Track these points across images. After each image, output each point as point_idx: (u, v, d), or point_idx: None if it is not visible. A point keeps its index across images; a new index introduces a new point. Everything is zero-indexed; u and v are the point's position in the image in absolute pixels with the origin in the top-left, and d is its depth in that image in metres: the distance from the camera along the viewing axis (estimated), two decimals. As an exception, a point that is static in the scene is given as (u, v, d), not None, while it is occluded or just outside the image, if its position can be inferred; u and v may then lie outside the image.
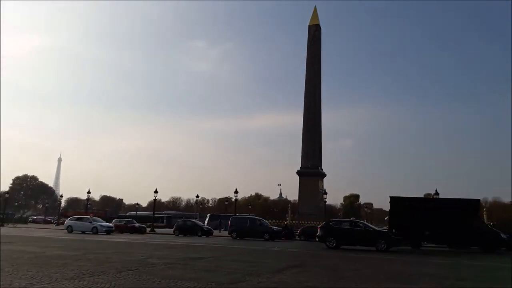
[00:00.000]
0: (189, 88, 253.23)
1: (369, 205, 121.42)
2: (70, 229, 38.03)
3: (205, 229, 40.21)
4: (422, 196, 66.00)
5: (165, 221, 65.41)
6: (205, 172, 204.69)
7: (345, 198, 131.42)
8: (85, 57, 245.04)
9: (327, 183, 57.32)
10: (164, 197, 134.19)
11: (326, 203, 51.83)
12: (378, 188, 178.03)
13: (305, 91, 56.41)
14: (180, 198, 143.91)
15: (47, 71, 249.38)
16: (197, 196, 65.25)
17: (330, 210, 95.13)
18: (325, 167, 56.06)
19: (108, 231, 37.41)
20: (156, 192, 50.08)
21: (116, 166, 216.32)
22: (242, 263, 13.87)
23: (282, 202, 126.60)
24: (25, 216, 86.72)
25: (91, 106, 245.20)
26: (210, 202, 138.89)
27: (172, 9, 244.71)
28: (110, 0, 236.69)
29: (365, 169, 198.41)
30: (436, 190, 45.35)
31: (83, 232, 37.02)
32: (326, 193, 50.49)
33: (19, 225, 58.20)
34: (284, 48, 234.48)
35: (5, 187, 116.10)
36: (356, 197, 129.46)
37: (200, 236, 37.47)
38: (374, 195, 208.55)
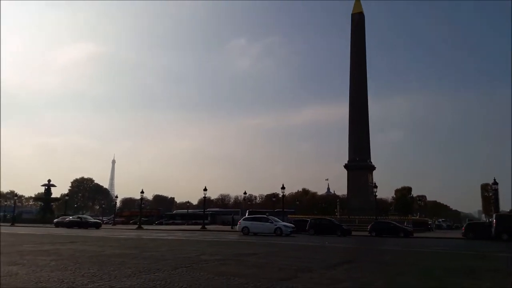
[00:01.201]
0: (234, 86, 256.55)
1: (422, 198, 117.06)
2: (246, 231, 33.40)
3: (344, 228, 36.38)
4: (479, 186, 62.74)
5: (209, 218, 66.83)
6: (253, 169, 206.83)
7: (397, 191, 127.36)
8: (134, 62, 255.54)
9: (377, 176, 55.85)
10: (213, 194, 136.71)
11: (377, 196, 50.52)
12: (431, 180, 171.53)
13: (350, 82, 55.28)
14: (228, 195, 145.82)
15: (99, 76, 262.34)
16: (245, 193, 66.06)
17: (381, 204, 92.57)
18: (374, 159, 54.76)
19: (291, 232, 32.59)
20: (205, 190, 51.11)
21: (167, 166, 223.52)
22: (295, 259, 13.83)
23: (330, 197, 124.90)
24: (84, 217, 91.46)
25: (141, 108, 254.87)
26: (258, 199, 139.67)
27: (210, 10, 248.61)
28: (153, 1, 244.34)
29: (417, 161, 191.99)
30: (494, 179, 42.97)
31: (264, 235, 31.79)
32: (376, 187, 49.20)
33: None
34: (327, 39, 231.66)
35: (65, 189, 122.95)
36: (408, 189, 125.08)
37: (339, 236, 33.96)
38: (427, 187, 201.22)
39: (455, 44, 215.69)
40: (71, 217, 52.57)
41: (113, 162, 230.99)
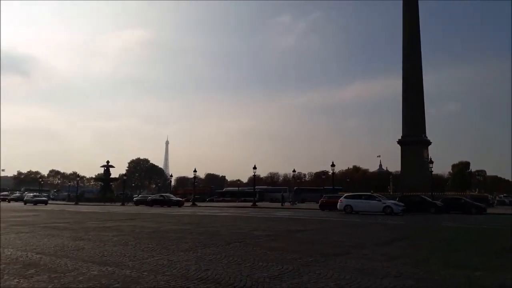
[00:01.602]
0: (280, 65, 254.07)
1: (481, 172, 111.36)
2: (349, 209, 30.24)
3: (438, 205, 33.41)
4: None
5: (257, 195, 67.57)
6: (302, 147, 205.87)
7: (454, 166, 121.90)
8: (182, 46, 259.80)
9: (432, 151, 53.68)
10: (262, 173, 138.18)
11: (432, 172, 48.65)
12: (491, 154, 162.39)
13: (403, 54, 52.89)
14: (277, 173, 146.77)
15: (150, 61, 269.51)
16: (294, 171, 65.73)
17: (437, 180, 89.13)
18: (430, 134, 52.55)
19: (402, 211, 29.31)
20: (255, 168, 51.67)
21: (218, 145, 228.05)
22: (348, 235, 13.76)
23: (382, 174, 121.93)
24: (141, 195, 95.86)
25: (192, 91, 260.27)
26: (307, 177, 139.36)
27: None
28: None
29: (476, 134, 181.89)
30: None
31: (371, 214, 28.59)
32: (432, 162, 47.31)
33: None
34: (374, 12, 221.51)
35: (123, 170, 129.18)
36: (466, 164, 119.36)
37: (433, 213, 31.58)
38: (487, 161, 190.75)
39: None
40: (153, 195, 53.95)
41: (167, 143, 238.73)
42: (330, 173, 52.49)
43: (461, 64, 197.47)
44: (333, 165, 48.56)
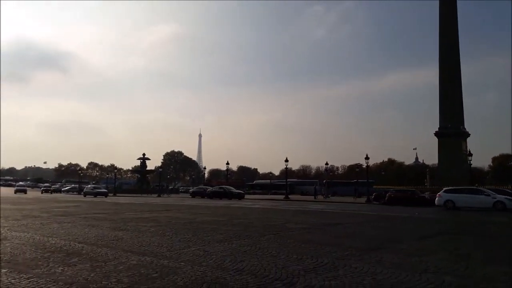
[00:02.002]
0: (312, 56, 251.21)
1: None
2: (450, 205, 26.91)
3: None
4: None
5: (288, 188, 67.07)
6: (334, 139, 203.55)
7: (494, 159, 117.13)
8: (214, 40, 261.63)
9: (471, 144, 51.83)
10: (294, 165, 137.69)
11: (471, 165, 46.97)
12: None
13: (439, 43, 51.02)
14: (309, 166, 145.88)
15: (182, 55, 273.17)
16: (326, 164, 65.00)
17: (476, 174, 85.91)
18: (468, 125, 50.64)
19: None
20: (286, 161, 51.50)
21: (250, 138, 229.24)
22: (383, 230, 13.53)
23: (418, 167, 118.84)
24: (176, 187, 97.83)
25: (223, 85, 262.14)
26: (340, 170, 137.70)
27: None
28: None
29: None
30: None
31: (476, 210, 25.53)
32: (470, 155, 45.67)
33: (172, 195, 66.13)
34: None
35: (158, 162, 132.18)
36: (508, 157, 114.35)
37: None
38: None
39: None
40: (213, 188, 52.51)
41: (200, 136, 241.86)
42: (364, 166, 51.53)
43: (500, 52, 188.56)
44: (367, 158, 47.72)
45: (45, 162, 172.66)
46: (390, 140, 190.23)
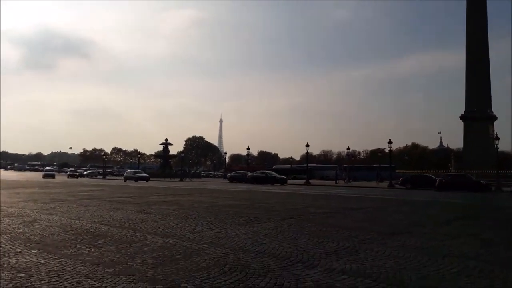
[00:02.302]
0: (333, 38, 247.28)
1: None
2: None
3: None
4: None
5: (309, 173, 66.60)
6: (356, 123, 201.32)
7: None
8: (233, 25, 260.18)
9: (498, 127, 50.31)
10: (315, 150, 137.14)
11: (498, 149, 45.67)
12: None
13: (466, 23, 49.32)
14: (330, 151, 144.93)
15: (202, 40, 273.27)
16: (348, 149, 64.23)
17: (504, 158, 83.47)
18: (496, 108, 49.21)
19: None
20: (307, 146, 51.18)
21: (271, 123, 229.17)
22: (405, 214, 13.40)
23: (442, 151, 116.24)
24: (198, 172, 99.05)
25: (244, 70, 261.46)
26: (362, 154, 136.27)
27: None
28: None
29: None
30: None
31: None
32: (497, 139, 44.36)
33: (194, 179, 67.02)
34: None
35: (180, 147, 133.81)
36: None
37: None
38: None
39: None
40: (255, 172, 50.05)
41: (221, 121, 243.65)
42: (386, 151, 50.94)
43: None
44: (390, 142, 47.06)
45: (70, 148, 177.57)
46: (414, 124, 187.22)
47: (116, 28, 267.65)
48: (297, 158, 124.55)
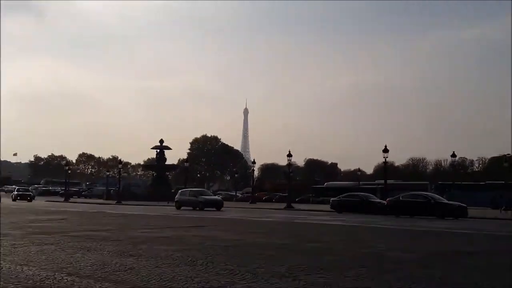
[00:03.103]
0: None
1: None
2: None
3: None
4: None
5: (378, 194, 62.75)
6: (462, 116, 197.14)
7: None
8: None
9: None
10: (398, 158, 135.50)
11: None
12: None
13: None
14: (424, 159, 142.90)
15: None
16: (453, 156, 61.87)
17: None
18: None
19: None
20: (385, 151, 50.55)
21: (322, 114, 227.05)
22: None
23: None
24: (210, 190, 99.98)
25: (274, 33, 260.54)
26: (476, 164, 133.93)
27: None
28: None
29: None
30: None
31: None
32: None
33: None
34: None
35: (183, 152, 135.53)
36: None
37: None
38: None
39: None
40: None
41: (246, 112, 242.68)
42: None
43: None
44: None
45: (15, 154, 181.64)
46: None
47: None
48: (369, 170, 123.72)
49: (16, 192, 70.21)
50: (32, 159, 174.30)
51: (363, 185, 79.89)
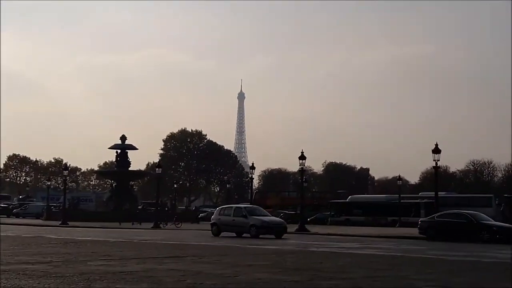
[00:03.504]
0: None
1: None
2: None
3: None
4: None
5: (422, 211, 64.58)
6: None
7: None
8: None
9: None
10: (455, 162, 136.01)
11: None
12: None
13: None
14: (491, 163, 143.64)
15: None
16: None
17: None
18: None
19: None
20: (437, 151, 50.62)
21: (347, 99, 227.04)
22: None
23: None
24: (190, 207, 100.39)
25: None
26: None
27: None
28: None
29: None
30: None
31: None
32: None
33: (184, 223, 67.84)
34: None
35: (154, 154, 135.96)
36: None
37: None
38: None
39: None
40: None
41: (241, 96, 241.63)
42: None
43: None
44: None
45: None
46: None
47: None
48: (414, 179, 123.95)
49: None
50: None
51: (402, 198, 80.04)
